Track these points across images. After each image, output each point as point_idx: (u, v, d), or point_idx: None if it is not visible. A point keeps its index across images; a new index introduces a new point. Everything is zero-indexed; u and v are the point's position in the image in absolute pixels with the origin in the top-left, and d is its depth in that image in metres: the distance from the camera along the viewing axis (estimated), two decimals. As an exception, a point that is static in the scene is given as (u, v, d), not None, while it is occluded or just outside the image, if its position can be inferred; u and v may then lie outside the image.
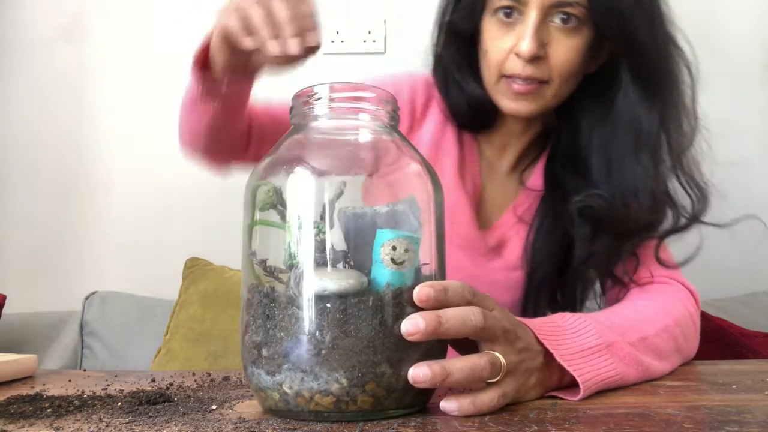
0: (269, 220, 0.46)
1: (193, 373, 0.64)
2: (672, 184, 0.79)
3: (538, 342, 0.50)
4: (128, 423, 0.42)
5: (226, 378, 0.61)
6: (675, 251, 0.82)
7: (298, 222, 0.44)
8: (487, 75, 0.76)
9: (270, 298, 0.43)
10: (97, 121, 1.49)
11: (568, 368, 0.50)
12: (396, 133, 0.49)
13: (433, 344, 0.44)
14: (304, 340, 0.41)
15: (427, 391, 0.45)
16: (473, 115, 0.81)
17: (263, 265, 0.45)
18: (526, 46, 0.70)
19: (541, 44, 0.71)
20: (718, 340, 1.07)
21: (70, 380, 0.61)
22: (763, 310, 1.28)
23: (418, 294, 0.43)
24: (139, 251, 1.45)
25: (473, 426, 0.41)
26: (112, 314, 1.30)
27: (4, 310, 1.19)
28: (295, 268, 0.43)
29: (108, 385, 0.58)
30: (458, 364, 0.43)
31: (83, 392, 0.54)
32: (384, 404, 0.43)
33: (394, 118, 0.49)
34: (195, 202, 1.42)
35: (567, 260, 0.79)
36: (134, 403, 0.48)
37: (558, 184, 0.80)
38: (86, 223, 1.46)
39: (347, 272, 0.43)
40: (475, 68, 0.79)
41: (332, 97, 0.47)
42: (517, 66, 0.72)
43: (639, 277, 0.77)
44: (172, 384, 0.57)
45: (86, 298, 1.32)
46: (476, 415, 0.43)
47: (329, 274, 0.42)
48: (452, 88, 0.81)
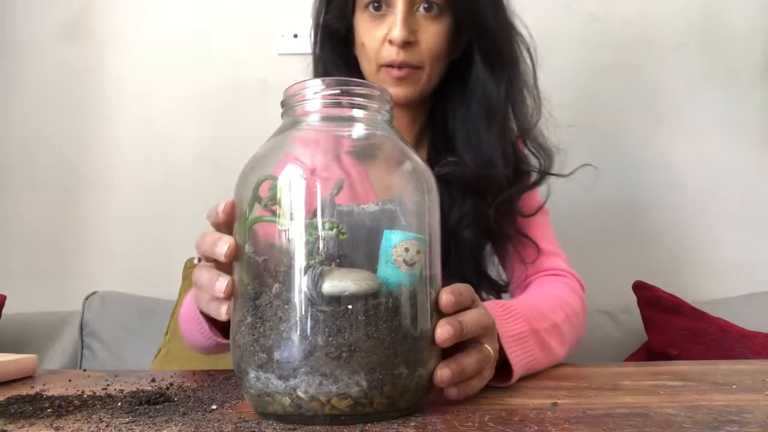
0: (268, 218, 0.44)
1: (194, 373, 0.64)
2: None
3: None
4: (128, 423, 0.42)
5: (227, 378, 0.61)
6: (675, 251, 0.82)
7: (314, 221, 0.42)
8: (367, 67, 0.84)
9: (283, 299, 0.41)
10: (97, 121, 1.49)
11: (508, 352, 0.55)
12: (391, 129, 0.48)
13: None
14: (323, 342, 0.40)
15: (428, 390, 0.46)
16: None
17: (265, 264, 0.44)
18: (397, 32, 0.79)
19: (411, 30, 0.80)
20: (719, 340, 1.06)
21: (70, 380, 0.61)
22: (763, 310, 1.28)
23: (445, 301, 0.46)
24: (139, 251, 1.45)
25: (473, 426, 0.41)
26: (112, 314, 1.30)
27: (4, 311, 1.19)
28: (313, 268, 0.41)
29: (108, 385, 0.58)
30: (468, 360, 0.47)
31: (83, 392, 0.54)
32: (397, 405, 0.42)
33: (389, 114, 0.48)
34: (195, 203, 1.42)
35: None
36: (134, 403, 0.48)
37: (437, 164, 0.87)
38: (86, 223, 1.46)
39: (363, 273, 0.42)
40: (352, 66, 0.88)
41: (325, 93, 0.46)
42: (392, 53, 0.81)
43: (540, 267, 0.87)
44: (172, 384, 0.57)
45: (86, 298, 1.32)
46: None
47: (348, 275, 0.41)
48: None
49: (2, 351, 0.69)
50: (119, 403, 0.48)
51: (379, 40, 0.82)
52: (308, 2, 0.94)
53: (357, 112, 0.47)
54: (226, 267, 0.48)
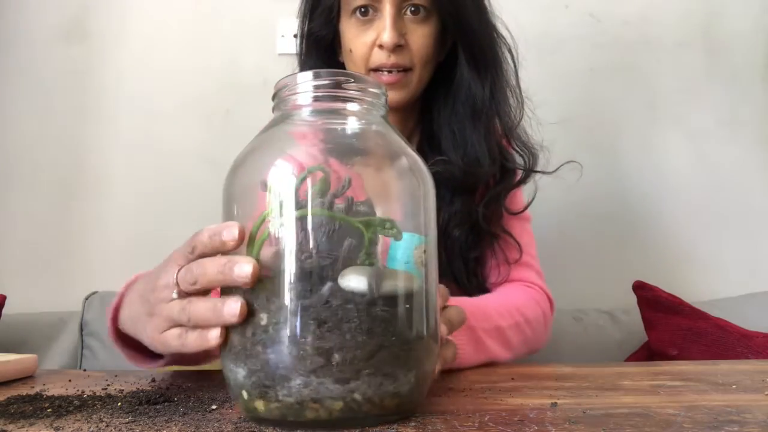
0: (342, 215, 0.42)
1: (194, 373, 0.64)
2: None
3: None
4: (128, 423, 0.42)
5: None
6: (675, 251, 0.82)
7: (369, 218, 0.42)
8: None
9: (344, 298, 0.39)
10: (97, 121, 1.49)
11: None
12: (387, 124, 0.47)
13: None
14: (386, 342, 0.39)
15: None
16: None
17: (310, 261, 0.40)
18: (387, 36, 0.79)
19: (400, 33, 0.81)
20: (719, 340, 1.06)
21: (70, 380, 0.61)
22: (763, 310, 1.28)
23: (445, 333, 0.54)
24: (139, 251, 1.45)
25: (473, 426, 0.41)
26: (112, 314, 1.30)
27: (4, 310, 1.19)
28: (373, 267, 0.41)
29: (108, 385, 0.58)
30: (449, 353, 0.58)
31: (83, 392, 0.54)
32: (421, 401, 0.44)
33: (384, 108, 0.47)
34: (195, 202, 1.42)
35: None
36: (134, 403, 0.48)
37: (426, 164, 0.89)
38: (86, 223, 1.46)
39: (404, 273, 0.42)
40: None
41: (317, 85, 0.44)
42: (382, 57, 0.81)
43: (510, 277, 0.89)
44: (172, 384, 0.57)
45: (86, 298, 1.32)
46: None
47: (393, 274, 0.42)
48: None
49: (2, 351, 0.70)
50: (119, 403, 0.48)
51: (367, 45, 0.82)
52: (308, 2, 0.94)
53: (352, 106, 0.45)
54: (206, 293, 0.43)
